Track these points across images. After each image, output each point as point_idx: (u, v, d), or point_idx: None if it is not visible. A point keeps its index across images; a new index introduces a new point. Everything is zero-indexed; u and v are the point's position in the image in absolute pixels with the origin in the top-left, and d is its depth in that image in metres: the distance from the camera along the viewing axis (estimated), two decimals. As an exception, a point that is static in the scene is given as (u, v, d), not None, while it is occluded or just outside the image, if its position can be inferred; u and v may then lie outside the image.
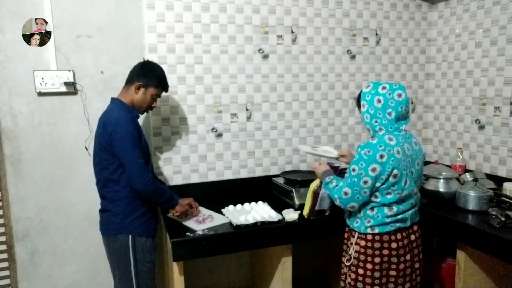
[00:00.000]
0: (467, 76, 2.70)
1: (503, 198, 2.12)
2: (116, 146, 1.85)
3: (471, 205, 2.11)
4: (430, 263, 2.42)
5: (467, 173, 2.44)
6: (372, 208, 1.74)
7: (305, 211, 2.09)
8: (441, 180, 2.28)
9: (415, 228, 1.83)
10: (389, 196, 1.70)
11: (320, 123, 2.76)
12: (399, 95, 1.71)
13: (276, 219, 2.07)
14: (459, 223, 2.02)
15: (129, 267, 1.93)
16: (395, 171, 1.66)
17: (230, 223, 2.06)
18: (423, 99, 3.03)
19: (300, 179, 2.30)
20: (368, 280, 1.74)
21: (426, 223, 2.20)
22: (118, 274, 1.98)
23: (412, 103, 2.99)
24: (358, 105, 1.83)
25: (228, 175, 2.60)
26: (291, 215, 2.10)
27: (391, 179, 1.67)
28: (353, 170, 1.71)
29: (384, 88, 1.73)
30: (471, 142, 2.69)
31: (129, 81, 2.00)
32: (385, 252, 1.73)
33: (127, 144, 1.84)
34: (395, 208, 1.72)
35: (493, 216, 1.99)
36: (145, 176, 1.86)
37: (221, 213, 2.20)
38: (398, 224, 1.74)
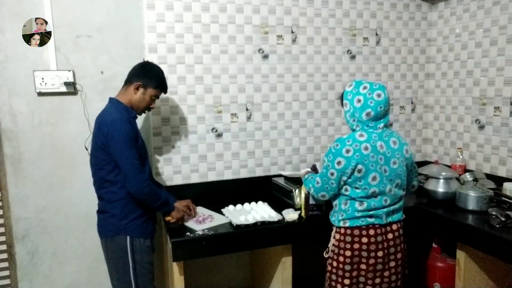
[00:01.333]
0: (467, 76, 2.70)
1: (503, 198, 2.12)
2: (112, 147, 1.83)
3: (471, 205, 2.11)
4: (430, 263, 2.42)
5: (467, 173, 2.44)
6: (345, 202, 1.79)
7: (303, 212, 2.11)
8: (441, 180, 2.28)
9: (394, 227, 1.79)
10: (357, 191, 1.75)
11: (320, 123, 2.76)
12: (379, 95, 1.74)
13: (276, 219, 2.07)
14: (459, 223, 2.02)
15: (128, 268, 1.91)
16: (359, 166, 1.70)
17: (230, 223, 2.06)
18: (423, 99, 3.03)
19: (300, 179, 2.30)
20: (340, 273, 1.79)
21: (426, 223, 2.21)
22: (117, 276, 1.96)
23: (412, 103, 2.99)
24: (342, 104, 1.87)
25: (228, 175, 2.60)
26: (291, 215, 2.10)
27: (356, 173, 1.72)
28: (324, 161, 1.81)
29: (365, 88, 1.76)
30: (471, 142, 2.69)
31: (128, 81, 1.99)
32: (356, 246, 1.76)
33: (122, 145, 1.82)
34: (365, 203, 1.75)
35: (493, 216, 1.99)
36: (140, 178, 1.84)
37: (221, 213, 2.20)
38: (371, 220, 1.75)
